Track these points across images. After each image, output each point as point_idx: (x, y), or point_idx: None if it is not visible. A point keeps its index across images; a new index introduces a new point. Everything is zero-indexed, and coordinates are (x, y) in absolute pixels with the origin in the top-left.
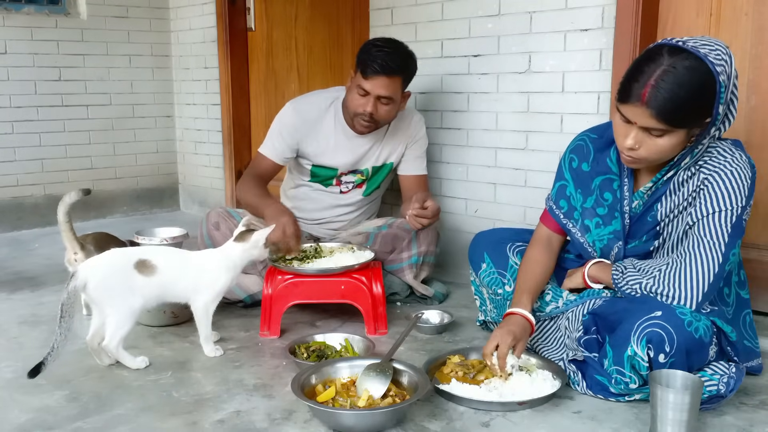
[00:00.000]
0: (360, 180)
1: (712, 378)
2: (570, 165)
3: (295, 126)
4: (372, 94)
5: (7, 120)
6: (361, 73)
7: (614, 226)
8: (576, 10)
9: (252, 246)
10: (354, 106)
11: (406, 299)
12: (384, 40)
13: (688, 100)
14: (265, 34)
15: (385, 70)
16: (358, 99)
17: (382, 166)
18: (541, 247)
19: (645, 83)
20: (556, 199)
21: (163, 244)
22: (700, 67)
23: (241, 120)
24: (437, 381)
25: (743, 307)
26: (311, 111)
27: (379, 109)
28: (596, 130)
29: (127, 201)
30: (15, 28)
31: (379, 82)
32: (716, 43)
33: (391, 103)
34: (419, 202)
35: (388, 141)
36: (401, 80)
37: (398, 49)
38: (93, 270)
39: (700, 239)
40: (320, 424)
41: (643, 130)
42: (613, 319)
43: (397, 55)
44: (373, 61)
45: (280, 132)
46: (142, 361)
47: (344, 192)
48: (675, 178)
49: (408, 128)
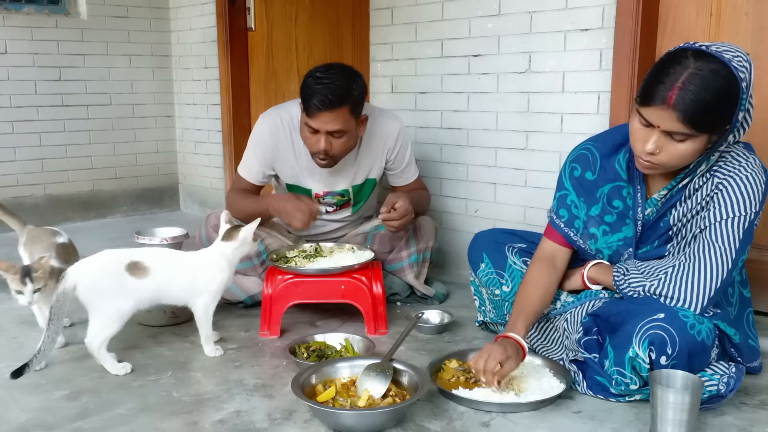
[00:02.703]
0: (342, 201)
1: (712, 378)
2: (571, 174)
3: (267, 145)
4: (321, 131)
5: (7, 120)
6: (305, 111)
7: (624, 233)
8: (576, 10)
9: (241, 243)
10: (308, 145)
11: (406, 299)
12: (324, 69)
13: (713, 105)
14: (265, 34)
15: (326, 105)
16: (309, 138)
17: (364, 183)
18: (543, 266)
19: (672, 86)
20: (557, 209)
21: (162, 244)
22: (724, 72)
23: (241, 120)
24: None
25: (746, 306)
26: (283, 127)
27: (334, 145)
28: (597, 138)
29: (127, 201)
30: (15, 28)
31: (323, 118)
32: (737, 49)
33: (344, 135)
34: (388, 205)
35: (364, 157)
36: (348, 110)
37: (339, 77)
38: (83, 272)
39: (711, 244)
40: (320, 424)
41: (664, 135)
42: (614, 321)
43: (337, 85)
44: (311, 97)
45: (254, 152)
46: (122, 368)
47: (330, 212)
48: (689, 185)
49: (382, 139)
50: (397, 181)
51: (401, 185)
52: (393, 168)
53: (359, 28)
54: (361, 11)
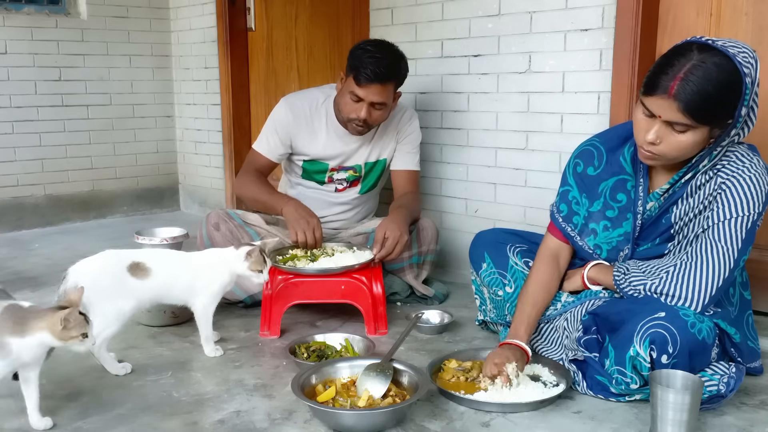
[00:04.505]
0: (353, 177)
1: (713, 378)
2: (574, 170)
3: (288, 122)
4: (366, 100)
5: (7, 120)
6: (354, 79)
7: (625, 228)
8: (576, 10)
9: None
10: (347, 112)
11: (406, 299)
12: (374, 43)
13: (715, 97)
14: (265, 34)
15: (378, 78)
16: (351, 105)
17: (375, 162)
18: (547, 264)
19: (674, 76)
20: (558, 204)
21: (162, 244)
22: (728, 66)
23: (241, 120)
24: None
25: (746, 308)
26: (304, 107)
27: (373, 114)
28: (603, 135)
29: (127, 201)
30: (15, 28)
31: (372, 89)
32: (743, 45)
33: (384, 107)
34: (377, 245)
35: (379, 137)
36: (394, 85)
37: (389, 53)
38: (84, 273)
39: (714, 244)
40: (320, 424)
41: (666, 125)
42: (614, 320)
43: (389, 60)
44: (365, 68)
45: (275, 128)
46: (122, 368)
47: (339, 190)
48: (692, 182)
49: (398, 123)
50: (398, 164)
51: (400, 169)
52: (399, 150)
53: (359, 28)
54: (361, 11)
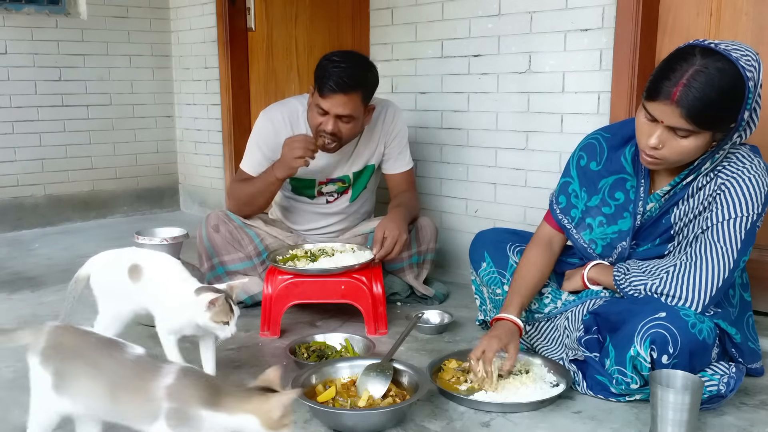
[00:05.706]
0: (342, 188)
1: (713, 378)
2: (578, 163)
3: (269, 136)
4: (331, 113)
5: (7, 120)
6: (318, 91)
7: (620, 226)
8: (576, 10)
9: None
10: (314, 125)
11: (406, 299)
12: (341, 54)
13: (717, 102)
14: (265, 34)
15: (341, 88)
16: (318, 118)
17: (363, 169)
18: (541, 248)
19: (677, 82)
20: (557, 195)
21: (163, 244)
22: (731, 70)
23: (241, 120)
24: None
25: (746, 309)
26: (284, 119)
27: (341, 128)
28: (610, 129)
29: (128, 201)
30: (15, 28)
31: (336, 100)
32: (746, 48)
33: (352, 120)
34: (377, 244)
35: (364, 144)
36: (360, 96)
37: (354, 63)
38: (96, 263)
39: (713, 244)
40: (320, 424)
41: (668, 130)
42: (615, 320)
43: (353, 70)
44: (328, 78)
45: (257, 144)
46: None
47: (330, 201)
48: (693, 183)
49: (382, 125)
50: (390, 168)
51: (393, 173)
52: (388, 153)
53: (359, 28)
54: (361, 11)
